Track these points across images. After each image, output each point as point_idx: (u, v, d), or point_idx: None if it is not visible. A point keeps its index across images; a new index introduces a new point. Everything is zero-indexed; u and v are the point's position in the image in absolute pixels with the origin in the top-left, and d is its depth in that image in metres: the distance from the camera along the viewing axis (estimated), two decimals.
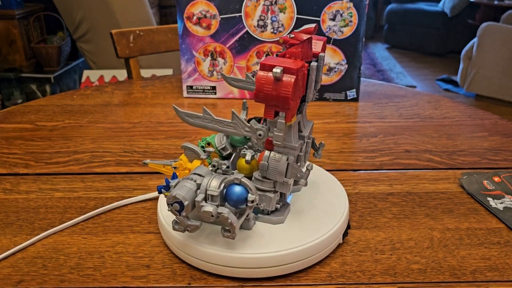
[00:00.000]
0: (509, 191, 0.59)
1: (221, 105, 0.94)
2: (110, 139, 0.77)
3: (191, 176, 0.42)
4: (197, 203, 0.40)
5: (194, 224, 0.42)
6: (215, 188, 0.41)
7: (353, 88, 0.96)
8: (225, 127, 0.41)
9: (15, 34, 2.53)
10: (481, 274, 0.45)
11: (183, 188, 0.41)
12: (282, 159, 0.43)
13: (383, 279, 0.44)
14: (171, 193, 0.40)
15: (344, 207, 0.50)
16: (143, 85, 1.08)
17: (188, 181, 0.42)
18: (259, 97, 0.39)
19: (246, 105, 0.50)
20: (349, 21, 0.91)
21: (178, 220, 0.42)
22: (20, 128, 0.82)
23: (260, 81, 0.38)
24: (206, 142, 0.50)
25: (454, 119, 0.87)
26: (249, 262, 0.43)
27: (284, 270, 0.44)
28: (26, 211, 0.55)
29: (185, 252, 0.45)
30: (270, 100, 0.39)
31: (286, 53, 0.42)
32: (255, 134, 0.42)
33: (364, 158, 0.71)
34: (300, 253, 0.43)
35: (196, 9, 0.92)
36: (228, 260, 0.43)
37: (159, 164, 0.51)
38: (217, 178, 0.42)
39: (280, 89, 0.38)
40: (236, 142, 0.50)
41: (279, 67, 0.38)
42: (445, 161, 0.69)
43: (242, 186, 0.41)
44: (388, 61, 4.32)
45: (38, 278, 0.44)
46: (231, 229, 0.41)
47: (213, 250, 0.43)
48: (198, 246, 0.43)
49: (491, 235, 0.51)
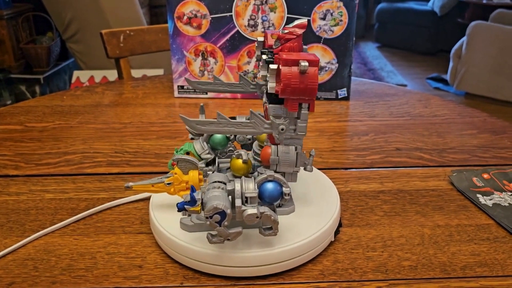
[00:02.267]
0: (498, 188, 0.60)
1: (212, 105, 0.94)
2: (101, 139, 0.77)
3: (213, 185, 0.41)
4: (238, 209, 0.40)
5: (236, 231, 0.41)
6: (252, 189, 0.41)
7: (344, 87, 0.97)
8: (243, 128, 0.41)
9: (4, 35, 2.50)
10: (471, 270, 0.45)
11: (219, 198, 0.39)
12: (291, 150, 0.44)
13: (375, 276, 0.44)
14: (210, 205, 0.38)
15: (335, 205, 0.50)
16: (134, 85, 1.08)
17: (216, 190, 0.40)
18: (287, 91, 0.40)
19: (203, 108, 0.51)
20: (339, 20, 0.91)
21: (218, 231, 0.40)
22: (10, 129, 0.81)
23: (286, 76, 0.39)
24: (184, 151, 0.49)
25: (444, 117, 0.88)
26: (242, 261, 0.43)
27: (276, 268, 0.44)
28: (16, 212, 0.55)
29: (177, 252, 0.45)
30: (297, 93, 0.40)
31: (284, 47, 0.43)
32: (277, 129, 0.42)
33: (355, 156, 0.71)
34: (292, 251, 0.44)
35: (186, 9, 0.92)
36: (220, 259, 0.43)
37: (147, 184, 0.47)
38: (249, 180, 0.42)
39: (308, 81, 0.39)
40: (218, 145, 0.50)
41: (305, 61, 0.39)
42: (435, 159, 0.70)
43: (274, 182, 0.42)
44: (378, 60, 4.34)
45: (29, 280, 0.43)
46: (274, 226, 0.41)
47: (205, 250, 0.43)
48: (191, 246, 0.43)
49: (481, 231, 0.52)
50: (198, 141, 0.50)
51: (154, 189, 0.47)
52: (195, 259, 0.44)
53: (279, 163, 0.43)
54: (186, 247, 0.44)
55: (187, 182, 0.46)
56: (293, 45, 0.43)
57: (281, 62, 0.39)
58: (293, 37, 0.43)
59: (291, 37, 0.43)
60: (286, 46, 0.43)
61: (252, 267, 0.43)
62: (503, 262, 0.46)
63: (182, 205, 0.41)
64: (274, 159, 0.43)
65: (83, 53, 2.47)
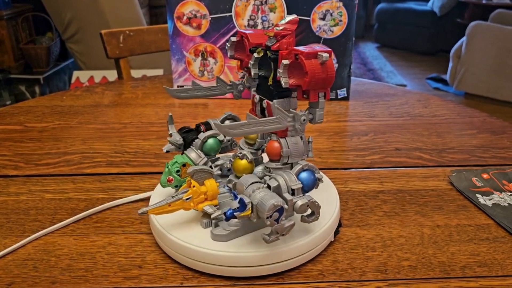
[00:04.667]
0: (497, 188, 0.60)
1: (212, 105, 0.94)
2: (100, 139, 0.77)
3: (254, 186, 0.41)
4: (290, 202, 0.41)
5: (290, 224, 0.41)
6: (295, 181, 0.42)
7: (343, 87, 0.97)
8: (271, 125, 0.42)
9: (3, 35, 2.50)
10: (471, 270, 0.45)
11: (272, 196, 0.40)
12: (298, 139, 0.45)
13: (374, 276, 0.44)
14: (270, 204, 0.38)
15: (335, 205, 0.50)
16: (133, 85, 1.08)
17: (262, 190, 0.41)
18: (312, 83, 0.42)
19: (172, 119, 0.51)
20: (339, 21, 0.92)
21: (276, 229, 0.40)
22: (9, 129, 0.81)
23: (312, 68, 0.41)
24: (181, 164, 0.48)
25: (444, 117, 0.88)
26: (241, 261, 0.43)
27: (276, 268, 0.44)
28: (16, 213, 0.55)
29: (177, 252, 0.45)
30: (319, 83, 0.42)
31: (282, 43, 0.44)
32: (299, 121, 0.44)
33: (354, 156, 0.71)
34: (292, 251, 0.44)
35: (186, 9, 0.92)
36: (220, 259, 0.43)
37: (162, 205, 0.43)
38: (288, 173, 0.43)
39: (327, 71, 0.42)
40: (211, 150, 0.50)
41: (324, 52, 0.41)
42: (434, 159, 0.70)
43: (308, 170, 0.44)
44: (378, 60, 4.34)
45: (29, 280, 0.43)
46: (316, 211, 0.42)
47: (205, 250, 0.43)
48: (190, 246, 0.43)
49: (480, 231, 0.52)
50: (192, 150, 0.49)
51: (172, 209, 0.44)
52: (195, 259, 0.44)
53: (291, 154, 0.45)
54: (186, 247, 0.44)
55: (205, 192, 0.44)
56: (290, 40, 0.44)
57: (304, 56, 0.41)
58: (289, 33, 0.45)
59: (287, 33, 0.45)
60: (285, 42, 0.44)
61: (252, 267, 0.43)
62: (502, 262, 0.46)
63: (231, 213, 0.40)
64: (287, 151, 0.44)
65: (83, 53, 2.47)
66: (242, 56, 0.50)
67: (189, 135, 0.51)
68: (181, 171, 0.48)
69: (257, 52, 0.47)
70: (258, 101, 0.48)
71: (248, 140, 0.51)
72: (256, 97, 0.49)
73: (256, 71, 0.47)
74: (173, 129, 0.52)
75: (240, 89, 0.52)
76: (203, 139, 0.50)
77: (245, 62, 0.49)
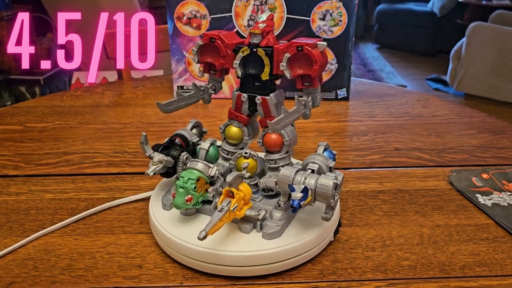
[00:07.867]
0: (497, 188, 0.60)
1: (212, 105, 0.94)
2: (100, 140, 0.77)
3: (300, 175, 0.43)
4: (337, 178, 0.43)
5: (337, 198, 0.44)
6: (328, 160, 0.46)
7: (343, 87, 0.97)
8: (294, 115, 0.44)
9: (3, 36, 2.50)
10: (470, 270, 0.45)
11: (325, 177, 0.42)
12: (292, 128, 0.49)
13: (374, 275, 0.44)
14: (332, 184, 0.41)
15: None
16: (133, 85, 1.08)
17: (311, 175, 0.43)
18: (320, 70, 0.45)
19: (146, 139, 0.50)
20: (338, 21, 0.92)
21: (333, 204, 0.43)
22: (9, 129, 0.81)
23: (319, 58, 0.44)
24: (195, 180, 0.45)
25: (443, 117, 0.88)
26: (241, 260, 0.43)
27: (276, 268, 0.44)
28: (16, 212, 0.55)
29: (177, 252, 0.45)
30: (322, 70, 0.46)
31: (269, 39, 0.47)
32: (308, 106, 0.46)
33: (354, 156, 0.71)
34: (291, 251, 0.44)
35: (186, 9, 0.92)
36: (220, 259, 0.43)
37: (216, 222, 0.41)
38: (317, 155, 0.46)
39: (326, 57, 0.46)
40: (213, 159, 0.52)
41: (322, 42, 0.45)
42: (434, 159, 0.70)
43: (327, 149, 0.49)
44: (378, 61, 4.34)
45: (29, 280, 0.43)
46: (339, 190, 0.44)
47: (205, 249, 0.43)
48: (190, 245, 0.43)
49: (480, 231, 0.52)
50: (197, 162, 0.47)
51: (224, 222, 0.42)
52: (195, 258, 0.44)
53: (291, 142, 0.48)
54: (186, 247, 0.44)
55: (244, 196, 0.44)
56: (273, 36, 0.48)
57: (310, 47, 0.44)
58: (272, 29, 0.48)
59: (270, 29, 0.48)
60: (271, 36, 0.48)
61: (252, 267, 0.43)
62: (502, 261, 0.46)
63: (298, 203, 0.41)
64: (289, 139, 0.48)
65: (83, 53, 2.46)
66: (213, 59, 0.50)
67: (172, 152, 0.49)
68: (197, 187, 0.46)
69: (242, 51, 0.47)
70: (246, 100, 0.49)
71: (231, 141, 0.52)
72: (243, 96, 0.49)
73: (242, 70, 0.48)
74: (149, 150, 0.50)
75: (210, 93, 0.53)
76: (207, 148, 0.50)
77: (219, 63, 0.49)
